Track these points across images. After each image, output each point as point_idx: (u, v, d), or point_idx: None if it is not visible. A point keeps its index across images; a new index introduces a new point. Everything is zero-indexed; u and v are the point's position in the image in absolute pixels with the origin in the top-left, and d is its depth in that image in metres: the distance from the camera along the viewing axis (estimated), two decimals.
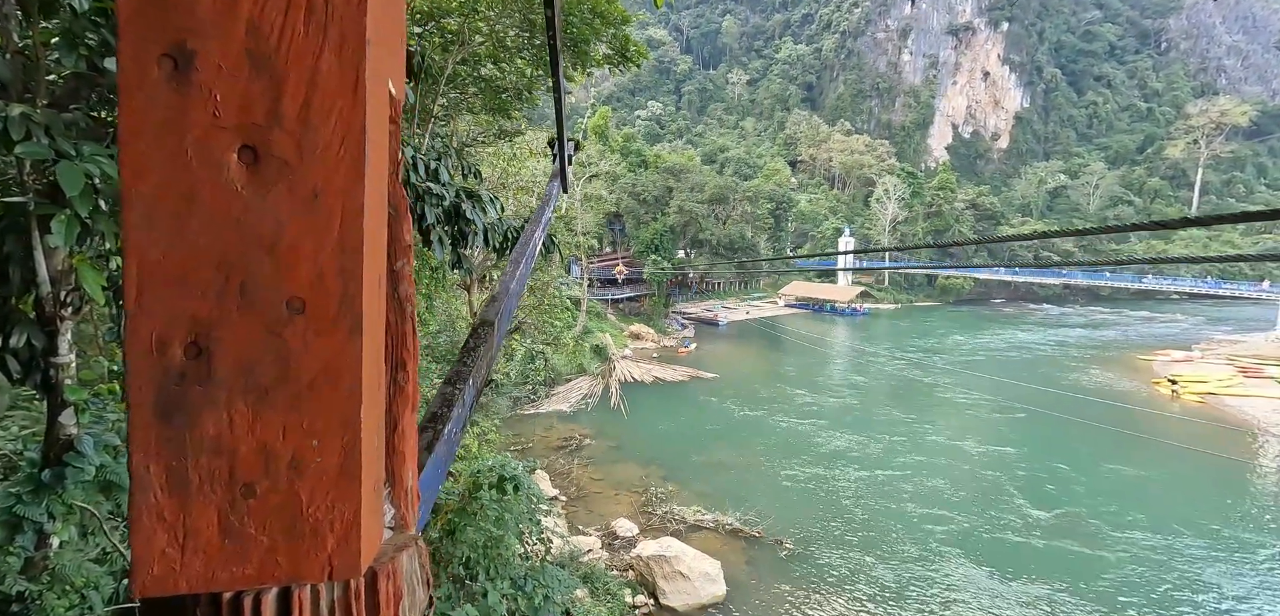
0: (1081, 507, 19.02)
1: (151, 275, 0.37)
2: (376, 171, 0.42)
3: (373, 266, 0.42)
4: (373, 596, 0.42)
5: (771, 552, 16.37)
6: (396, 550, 0.46)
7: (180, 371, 0.38)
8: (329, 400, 0.39)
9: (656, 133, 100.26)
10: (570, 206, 39.54)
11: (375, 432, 0.43)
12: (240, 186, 0.38)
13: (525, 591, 8.11)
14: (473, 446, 14.25)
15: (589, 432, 25.00)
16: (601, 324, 42.53)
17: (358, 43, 0.37)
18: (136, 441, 0.38)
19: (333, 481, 0.40)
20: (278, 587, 0.39)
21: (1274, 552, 16.77)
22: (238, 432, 0.39)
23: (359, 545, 0.41)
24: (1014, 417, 28.09)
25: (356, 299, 0.40)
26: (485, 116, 11.90)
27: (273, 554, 0.40)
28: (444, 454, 1.07)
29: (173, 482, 0.38)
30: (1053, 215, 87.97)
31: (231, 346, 0.38)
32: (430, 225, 5.98)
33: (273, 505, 0.39)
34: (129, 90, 0.35)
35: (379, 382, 0.45)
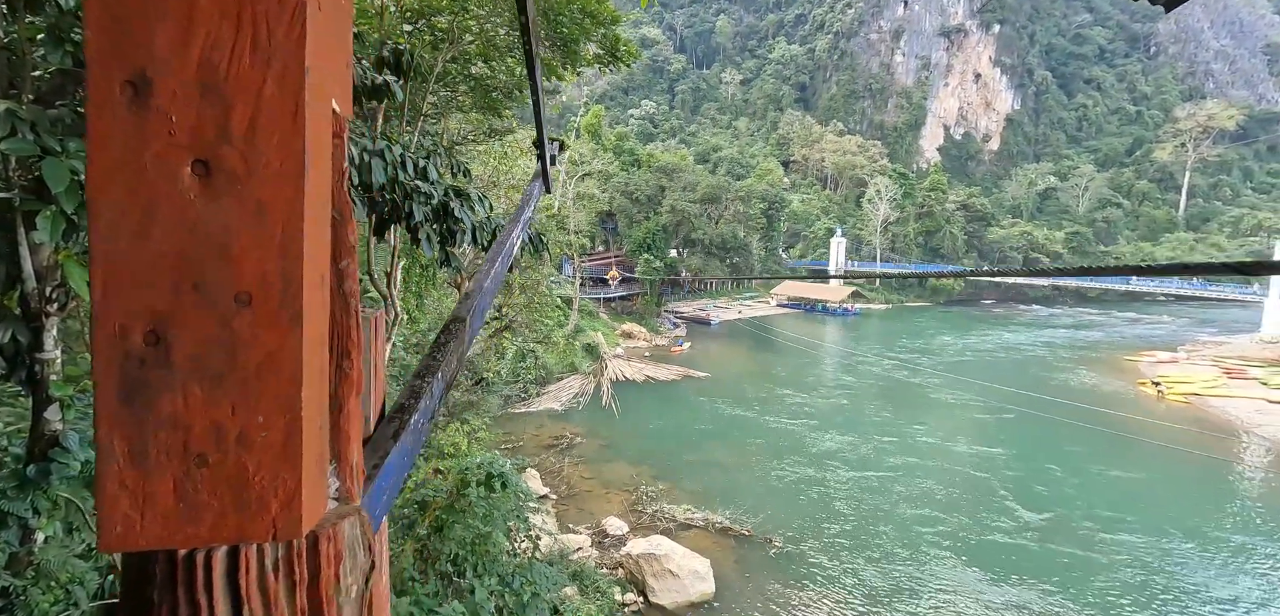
0: (1069, 508, 19.26)
1: (115, 273, 0.43)
2: (317, 183, 0.47)
3: (314, 266, 0.48)
4: (314, 556, 0.48)
5: (761, 551, 16.47)
6: (339, 517, 0.51)
7: (140, 357, 0.43)
8: (273, 384, 0.45)
9: (650, 132, 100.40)
10: (563, 205, 39.55)
11: (317, 413, 0.49)
12: (194, 196, 0.43)
13: (513, 588, 8.15)
14: (462, 444, 14.27)
15: (580, 431, 25.04)
16: (594, 322, 42.57)
17: (297, 72, 0.43)
18: (102, 417, 0.43)
19: (277, 454, 0.45)
20: (227, 546, 0.45)
21: (1264, 553, 17.04)
22: (192, 411, 0.44)
23: (300, 511, 0.46)
24: (1003, 418, 28.36)
25: (297, 295, 0.45)
26: (476, 115, 11.92)
27: (223, 517, 0.45)
28: (410, 443, 1.12)
29: (134, 454, 0.44)
30: (1042, 217, 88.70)
31: (186, 336, 0.44)
32: (419, 223, 6.02)
33: (223, 475, 0.45)
34: (95, 112, 0.41)
35: (321, 369, 0.50)
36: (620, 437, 24.52)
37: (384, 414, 1.19)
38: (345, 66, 0.52)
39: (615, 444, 23.91)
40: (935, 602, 14.58)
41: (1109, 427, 26.24)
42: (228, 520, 0.45)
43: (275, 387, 0.45)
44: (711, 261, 60.31)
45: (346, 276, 0.56)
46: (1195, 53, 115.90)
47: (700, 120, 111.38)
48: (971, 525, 18.03)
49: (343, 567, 0.50)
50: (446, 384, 1.34)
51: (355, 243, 0.57)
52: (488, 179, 17.79)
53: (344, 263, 0.55)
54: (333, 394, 0.54)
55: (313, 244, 0.47)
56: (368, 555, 0.55)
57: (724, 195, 61.04)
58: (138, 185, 0.42)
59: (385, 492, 1.01)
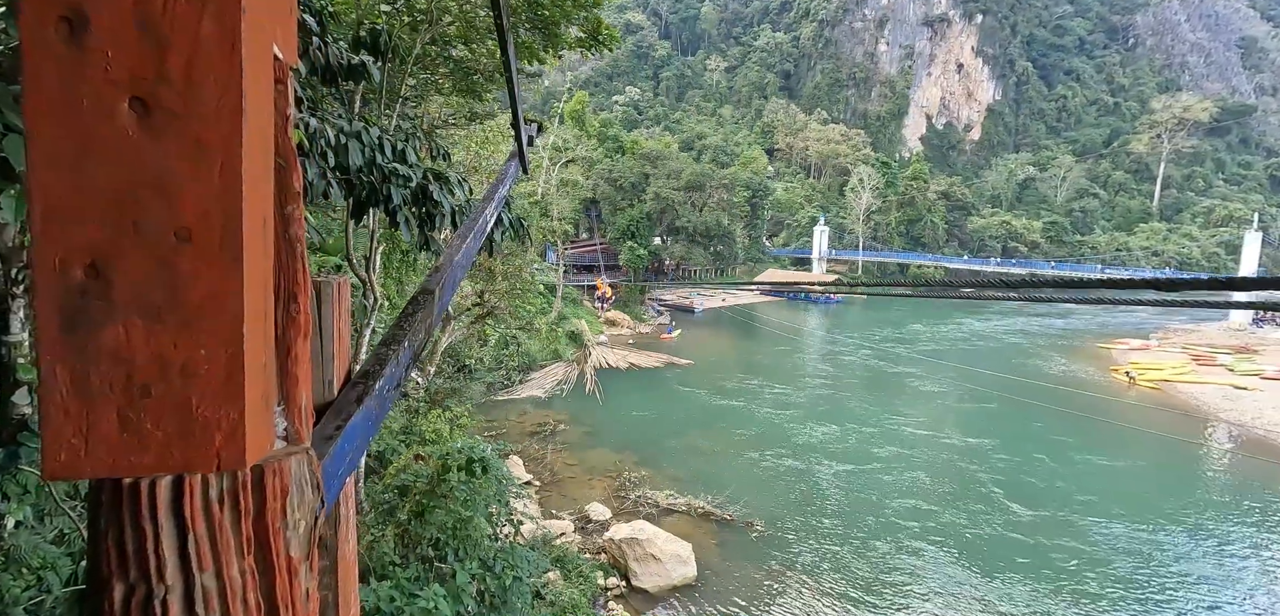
0: (1047, 491, 19.71)
1: (53, 207, 0.44)
2: (257, 125, 0.49)
3: (255, 208, 0.49)
4: (260, 489, 0.49)
5: (742, 535, 16.66)
6: (287, 455, 0.53)
7: (82, 289, 0.44)
8: (215, 319, 0.46)
9: (634, 119, 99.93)
10: (546, 191, 39.30)
11: (260, 351, 0.50)
12: (131, 133, 0.44)
13: (495, 572, 8.18)
14: (445, 430, 14.20)
15: (563, 418, 25.06)
16: (577, 310, 42.48)
17: (234, 11, 0.44)
18: (44, 347, 0.44)
19: (220, 387, 0.47)
20: (172, 476, 0.47)
21: (1236, 537, 17.59)
22: (134, 344, 0.45)
23: (244, 443, 0.48)
24: (979, 403, 28.87)
25: (237, 234, 0.47)
26: (456, 99, 11.79)
27: (167, 447, 0.47)
28: (375, 408, 1.14)
29: (77, 384, 0.45)
30: (1021, 206, 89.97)
31: (127, 269, 0.45)
32: (397, 206, 5.96)
33: (167, 406, 0.46)
34: (30, 48, 0.42)
35: (265, 310, 0.52)
36: (603, 424, 24.58)
37: (350, 380, 1.19)
38: (288, 13, 0.53)
39: (598, 431, 23.97)
40: (911, 581, 14.89)
41: (1083, 413, 26.84)
42: (172, 450, 0.47)
43: (217, 323, 0.46)
44: (695, 249, 60.34)
45: (292, 221, 0.57)
46: (1172, 45, 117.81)
47: (685, 107, 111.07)
48: (949, 507, 18.39)
49: (289, 501, 0.51)
50: (414, 354, 1.35)
51: (300, 188, 0.58)
52: (469, 164, 17.62)
53: (289, 208, 0.56)
54: (279, 336, 0.55)
55: (253, 185, 0.48)
56: (316, 493, 0.56)
57: (708, 183, 60.99)
58: (74, 122, 0.43)
59: (348, 455, 1.03)
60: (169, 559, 0.46)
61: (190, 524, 0.47)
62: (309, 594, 0.54)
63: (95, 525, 0.46)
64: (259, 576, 0.50)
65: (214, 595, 0.48)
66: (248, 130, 0.46)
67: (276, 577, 0.51)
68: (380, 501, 9.09)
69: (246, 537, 0.49)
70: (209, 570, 0.48)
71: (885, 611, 13.81)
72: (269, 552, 0.50)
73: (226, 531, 0.48)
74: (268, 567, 0.51)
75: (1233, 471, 22.63)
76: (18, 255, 3.83)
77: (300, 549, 0.53)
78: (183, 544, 0.47)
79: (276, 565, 0.51)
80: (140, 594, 0.46)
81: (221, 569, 0.48)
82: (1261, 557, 16.55)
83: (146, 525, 0.46)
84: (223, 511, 0.48)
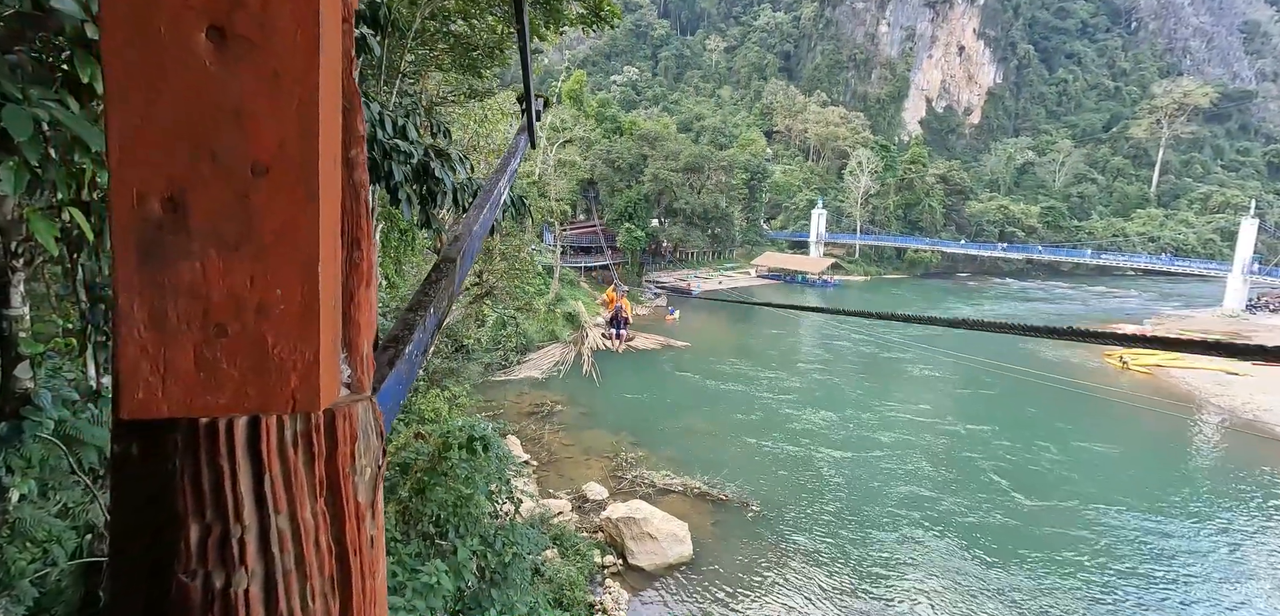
0: (1039, 476, 19.92)
1: (130, 138, 0.43)
2: (330, 59, 0.48)
3: (329, 145, 0.48)
4: (331, 433, 0.49)
5: (738, 515, 16.82)
6: (354, 401, 0.52)
7: (158, 222, 0.44)
8: (289, 255, 0.46)
9: (632, 99, 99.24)
10: (544, 172, 39.10)
11: (332, 293, 0.50)
12: (208, 62, 0.43)
13: (495, 549, 8.25)
14: (443, 410, 14.24)
15: (560, 399, 25.15)
16: (575, 291, 42.47)
17: None
18: (121, 282, 0.44)
19: (294, 326, 0.46)
20: (248, 416, 0.46)
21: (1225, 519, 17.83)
22: (211, 280, 0.45)
23: (318, 385, 0.47)
24: (974, 388, 29.06)
25: (313, 169, 0.46)
26: (455, 75, 11.68)
27: (243, 386, 0.46)
28: (405, 371, 1.13)
29: (154, 319, 0.44)
30: (1019, 191, 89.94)
31: (203, 202, 0.44)
32: (398, 183, 5.91)
33: (242, 344, 0.46)
34: None
35: (335, 251, 0.51)
36: (600, 405, 24.68)
37: (377, 345, 1.19)
38: None
39: (595, 411, 24.07)
40: (904, 561, 15.09)
41: (1077, 398, 27.05)
42: (248, 390, 0.46)
43: (292, 260, 0.46)
44: (693, 231, 60.30)
45: (356, 165, 0.56)
46: (1175, 29, 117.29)
47: (683, 88, 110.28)
48: (945, 492, 18.57)
49: (357, 447, 0.51)
50: (439, 320, 1.34)
51: (364, 133, 0.57)
52: (468, 143, 17.49)
53: (354, 151, 0.55)
54: (343, 283, 0.55)
55: (327, 121, 0.47)
56: (380, 441, 0.56)
57: (706, 165, 60.82)
58: (151, 50, 0.42)
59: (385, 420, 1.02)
60: (246, 500, 0.46)
61: (267, 465, 0.47)
62: (374, 541, 0.54)
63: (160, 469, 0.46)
64: (330, 520, 0.50)
65: (288, 536, 0.48)
66: (323, 64, 0.45)
67: (346, 522, 0.51)
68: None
69: (319, 480, 0.49)
70: (283, 512, 0.47)
71: (879, 591, 13.99)
72: (340, 497, 0.50)
73: (300, 474, 0.48)
74: (339, 512, 0.50)
75: (1224, 455, 22.90)
76: (16, 228, 3.79)
77: (366, 495, 0.53)
78: (258, 485, 0.46)
79: (346, 510, 0.51)
80: (217, 533, 0.46)
81: (295, 511, 0.48)
82: (1253, 541, 16.79)
83: (224, 465, 0.45)
84: (297, 453, 0.48)
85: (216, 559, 0.45)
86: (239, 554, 0.45)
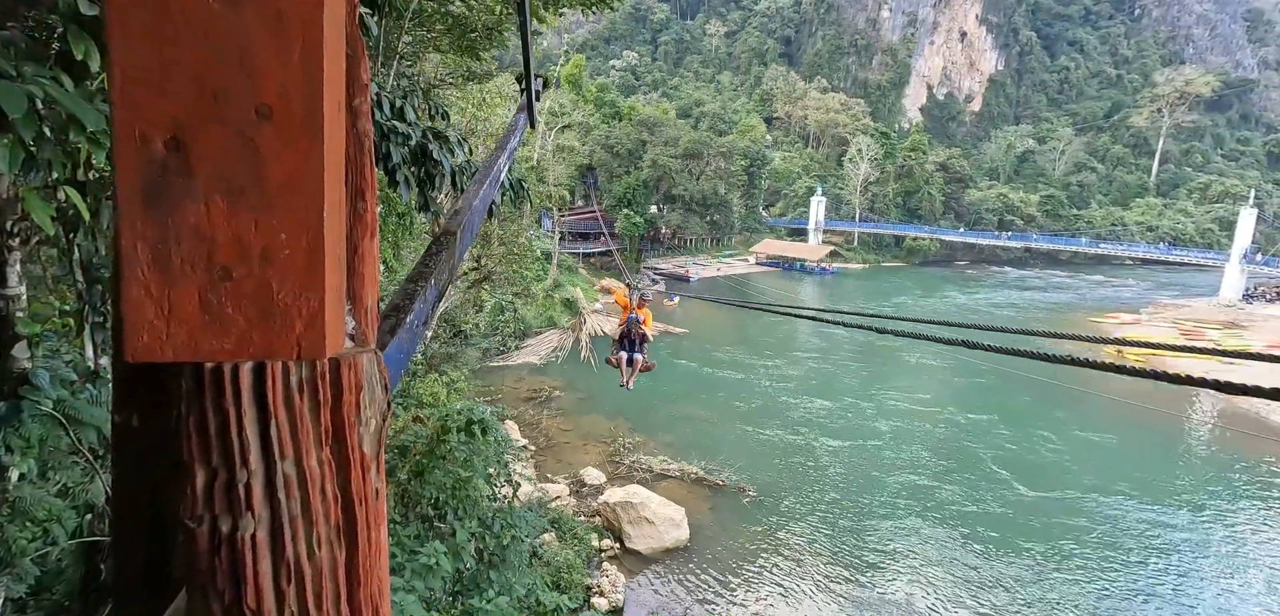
0: (1037, 464, 20.04)
1: (133, 78, 0.43)
2: (334, 4, 0.47)
3: (333, 90, 0.47)
4: (337, 381, 0.49)
5: (734, 500, 16.91)
6: (359, 352, 0.52)
7: (162, 163, 0.43)
8: (295, 201, 0.45)
9: (631, 84, 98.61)
10: (542, 157, 38.92)
11: (337, 241, 0.50)
12: (212, 3, 0.43)
13: (493, 531, 8.30)
14: (442, 395, 14.27)
15: (559, 385, 25.19)
16: (572, 277, 42.44)
17: None
18: (125, 223, 0.43)
19: (299, 273, 0.46)
20: (253, 362, 0.46)
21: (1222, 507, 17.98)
22: (215, 223, 0.45)
23: (324, 332, 0.47)
24: (970, 377, 29.15)
25: (318, 115, 0.46)
26: (453, 56, 11.59)
27: (248, 332, 0.46)
28: (407, 340, 1.13)
29: (158, 261, 0.44)
30: (1019, 180, 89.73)
31: (208, 145, 0.44)
32: (396, 165, 5.88)
33: (247, 289, 0.46)
34: None
35: (340, 199, 0.51)
36: (598, 391, 24.71)
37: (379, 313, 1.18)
38: None
39: (593, 397, 24.11)
40: (898, 545, 15.20)
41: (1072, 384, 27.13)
42: (253, 336, 0.46)
43: (297, 206, 0.45)
44: (692, 218, 60.16)
45: (360, 115, 0.55)
46: (1177, 16, 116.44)
47: (683, 73, 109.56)
48: (941, 479, 18.67)
49: (363, 398, 0.51)
50: (439, 292, 1.34)
51: (367, 82, 0.56)
52: (466, 127, 17.39)
53: (357, 100, 0.55)
54: (347, 234, 0.54)
55: (331, 65, 0.47)
56: (385, 393, 0.56)
57: (706, 151, 60.54)
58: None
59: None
60: (252, 445, 0.46)
61: (273, 411, 0.47)
62: (378, 493, 0.54)
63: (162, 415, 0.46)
64: (336, 469, 0.50)
65: (294, 483, 0.48)
66: (327, 8, 0.45)
67: (351, 471, 0.51)
68: None
69: (325, 428, 0.49)
70: (289, 458, 0.47)
71: (876, 578, 14.10)
72: (345, 446, 0.50)
73: (306, 421, 0.48)
74: (344, 460, 0.50)
75: (1219, 445, 23.07)
76: (12, 207, 3.77)
77: (371, 446, 0.53)
78: (264, 431, 0.46)
79: (351, 459, 0.51)
80: (223, 479, 0.46)
81: (301, 457, 0.48)
82: (1249, 531, 16.92)
83: (230, 410, 0.45)
84: (303, 400, 0.48)
85: (223, 504, 0.45)
86: (245, 499, 0.45)
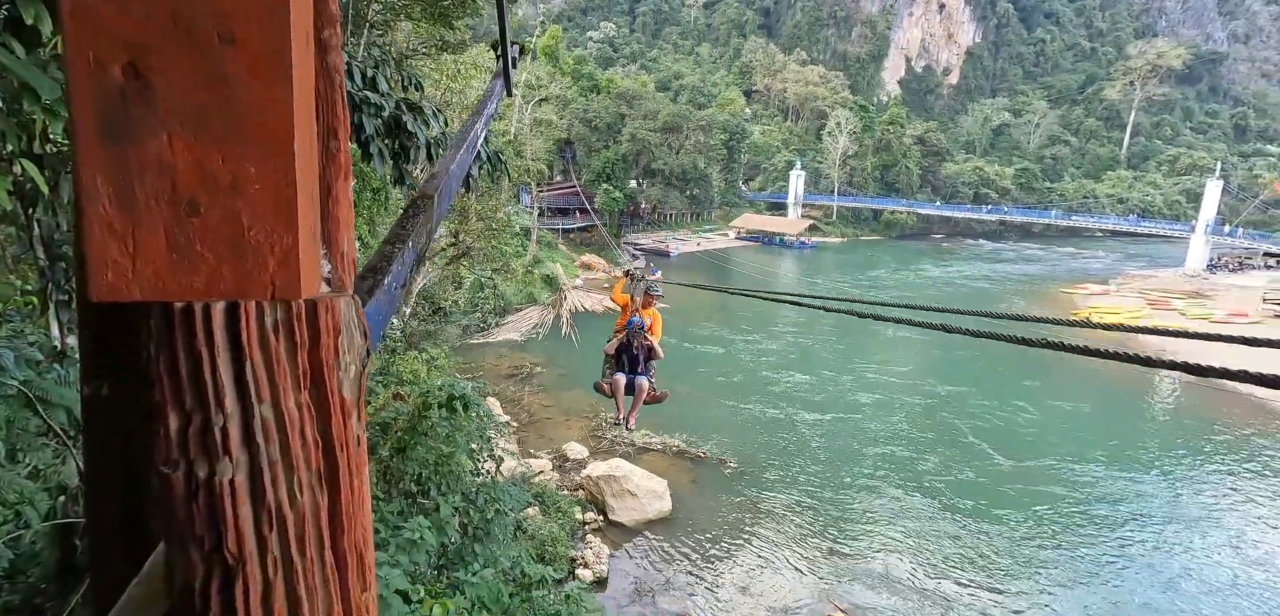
0: (1010, 433, 20.57)
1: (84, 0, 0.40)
2: None
3: (300, 18, 0.45)
4: (314, 323, 0.47)
5: (716, 472, 17.13)
6: (336, 296, 0.51)
7: (120, 91, 0.41)
8: (263, 132, 0.44)
9: (609, 56, 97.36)
10: (520, 131, 38.38)
11: (310, 178, 0.48)
12: None
13: (477, 504, 8.32)
14: (422, 372, 14.15)
15: (540, 361, 25.14)
16: (552, 254, 42.18)
17: None
18: (83, 159, 0.41)
19: (270, 208, 0.44)
20: (226, 302, 0.44)
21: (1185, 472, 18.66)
22: (179, 154, 0.43)
23: (298, 271, 0.46)
24: (946, 350, 29.70)
25: (285, 44, 0.44)
26: (426, 25, 11.31)
27: (219, 269, 0.44)
28: (385, 302, 1.11)
29: (120, 197, 0.42)
30: (995, 153, 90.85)
31: (168, 71, 0.42)
32: (369, 137, 5.75)
33: (215, 224, 0.44)
34: None
35: (310, 135, 0.49)
36: (580, 367, 24.68)
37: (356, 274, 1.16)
38: None
39: (575, 373, 24.10)
40: (879, 512, 15.58)
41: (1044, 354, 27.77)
42: (224, 273, 0.44)
43: (266, 138, 0.43)
44: (671, 193, 59.97)
45: (330, 48, 0.53)
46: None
47: (661, 45, 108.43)
48: (920, 450, 19.07)
49: (341, 342, 0.50)
50: (417, 255, 1.32)
51: (337, 15, 0.54)
52: (440, 99, 17.04)
53: (326, 33, 0.53)
54: (320, 175, 0.53)
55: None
56: (365, 339, 0.55)
57: (685, 124, 60.18)
58: None
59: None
60: (227, 388, 0.45)
61: (248, 352, 0.45)
62: (360, 440, 0.53)
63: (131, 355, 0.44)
64: (315, 413, 0.49)
65: (273, 426, 0.47)
66: None
67: (331, 416, 0.50)
68: None
69: (303, 371, 0.48)
70: (267, 401, 0.46)
71: (856, 545, 14.43)
72: (324, 390, 0.49)
73: (283, 363, 0.47)
74: (324, 405, 0.49)
75: (1181, 409, 23.90)
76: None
77: (351, 391, 0.52)
78: (240, 373, 0.45)
79: (331, 404, 0.49)
80: (198, 423, 0.44)
81: (279, 400, 0.47)
82: (1211, 488, 17.61)
83: (202, 350, 0.44)
84: (279, 342, 0.46)
85: (199, 448, 0.43)
86: (222, 443, 0.44)
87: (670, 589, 12.87)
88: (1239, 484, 17.82)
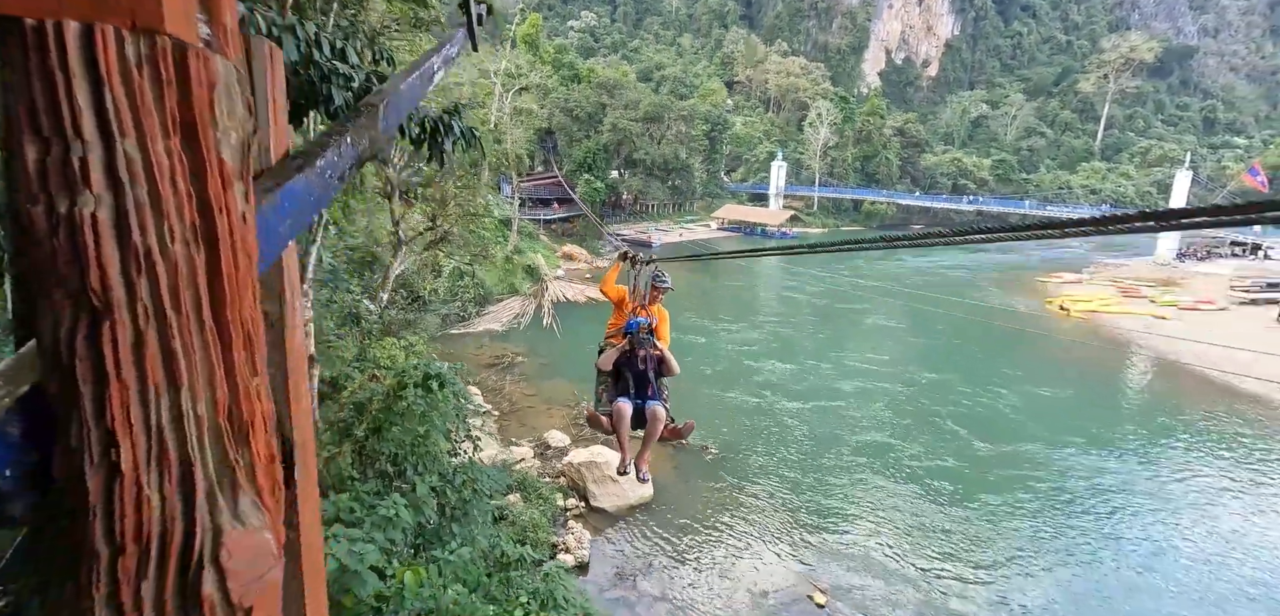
0: (988, 418, 20.91)
1: None
2: None
3: None
4: (183, 66, 0.46)
5: (697, 458, 17.20)
6: (212, 51, 0.50)
7: None
8: None
9: (590, 46, 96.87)
10: (500, 119, 38.06)
11: None
12: None
13: (454, 484, 8.27)
14: (399, 358, 14.01)
15: (521, 351, 25.03)
16: (534, 244, 41.96)
17: None
18: None
19: None
20: (81, 23, 0.43)
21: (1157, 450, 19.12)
22: None
23: (161, 3, 0.45)
24: (926, 337, 30.11)
25: None
26: (399, 3, 11.14)
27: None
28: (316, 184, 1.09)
29: None
30: (973, 144, 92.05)
31: None
32: (339, 108, 5.66)
33: None
34: None
35: None
36: (561, 357, 24.65)
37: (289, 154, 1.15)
38: None
39: (556, 363, 24.04)
40: (860, 498, 15.77)
41: (1022, 340, 28.35)
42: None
43: None
44: (653, 183, 59.92)
45: None
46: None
47: (643, 35, 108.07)
48: (900, 436, 19.30)
49: (217, 96, 0.49)
50: (358, 155, 1.30)
51: None
52: None
53: None
54: None
55: None
56: (249, 114, 0.54)
57: (667, 115, 60.11)
58: None
59: (288, 216, 0.99)
60: (85, 114, 0.43)
61: (107, 81, 0.44)
62: (246, 219, 0.52)
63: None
64: (189, 166, 0.48)
65: (139, 166, 0.45)
66: None
67: (208, 175, 0.49)
68: (336, 421, 8.98)
69: (170, 113, 0.46)
70: (130, 138, 0.45)
71: (837, 530, 14.59)
72: (197, 144, 0.48)
73: (148, 99, 0.45)
74: (198, 162, 0.48)
75: (1155, 394, 24.49)
76: None
77: (232, 158, 0.51)
78: (99, 102, 0.44)
79: (207, 161, 0.48)
80: (56, 153, 0.43)
81: (145, 141, 0.45)
82: (1184, 472, 18.08)
83: (56, 73, 0.43)
84: (142, 76, 0.45)
85: (59, 181, 0.42)
86: (81, 174, 0.42)
87: (652, 572, 12.93)
88: (1207, 462, 18.33)
